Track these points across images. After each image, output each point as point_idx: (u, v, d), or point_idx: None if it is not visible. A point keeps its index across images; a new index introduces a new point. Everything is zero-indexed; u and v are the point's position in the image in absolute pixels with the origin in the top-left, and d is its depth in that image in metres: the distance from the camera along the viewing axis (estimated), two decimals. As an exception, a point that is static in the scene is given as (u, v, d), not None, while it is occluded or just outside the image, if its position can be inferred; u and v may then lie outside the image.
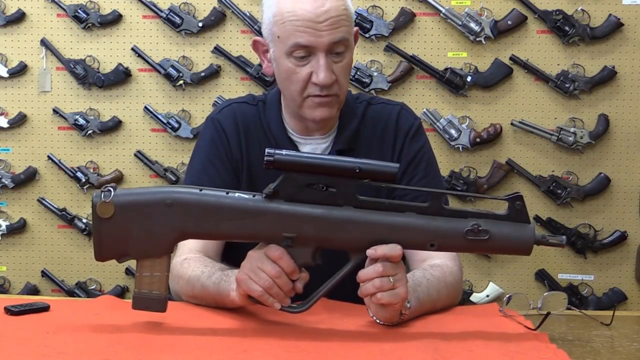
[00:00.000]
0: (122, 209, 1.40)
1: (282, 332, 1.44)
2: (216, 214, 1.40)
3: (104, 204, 1.39)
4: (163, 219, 1.40)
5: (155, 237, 1.41)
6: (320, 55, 1.63)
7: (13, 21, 3.24)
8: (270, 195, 1.39)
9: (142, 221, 1.40)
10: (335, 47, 1.64)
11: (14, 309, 1.53)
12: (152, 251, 1.42)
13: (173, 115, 3.23)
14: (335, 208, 1.39)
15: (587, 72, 3.17)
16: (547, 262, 3.25)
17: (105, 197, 1.39)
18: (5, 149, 3.30)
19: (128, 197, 1.41)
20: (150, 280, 1.43)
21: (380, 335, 1.44)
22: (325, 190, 1.39)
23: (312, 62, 1.64)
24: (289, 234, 1.39)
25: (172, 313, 1.56)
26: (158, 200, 1.40)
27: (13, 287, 3.33)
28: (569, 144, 3.18)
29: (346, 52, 1.67)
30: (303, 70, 1.65)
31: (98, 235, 1.41)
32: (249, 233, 1.41)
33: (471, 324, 1.51)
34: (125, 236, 1.40)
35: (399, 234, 1.39)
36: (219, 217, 1.40)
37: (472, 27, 3.16)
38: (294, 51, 1.64)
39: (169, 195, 1.40)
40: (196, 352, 1.32)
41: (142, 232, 1.40)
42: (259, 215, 1.39)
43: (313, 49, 1.63)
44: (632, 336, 1.49)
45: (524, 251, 1.43)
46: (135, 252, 1.42)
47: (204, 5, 3.22)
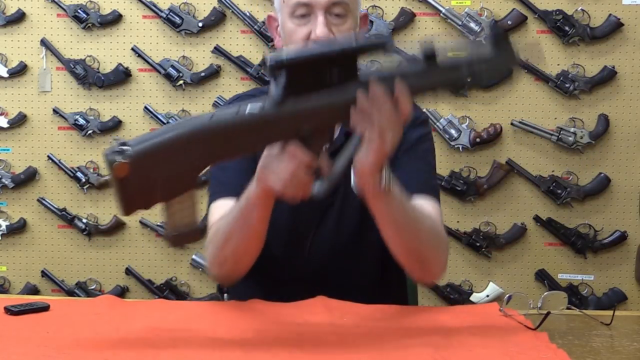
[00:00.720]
0: (140, 161, 1.35)
1: (282, 332, 1.44)
2: (235, 135, 1.37)
3: (121, 164, 1.34)
4: (182, 156, 1.36)
5: (178, 175, 1.37)
6: (318, 13, 1.67)
7: (13, 21, 3.24)
8: (281, 100, 1.36)
9: (163, 165, 1.36)
10: (334, 8, 1.67)
11: (14, 309, 1.53)
12: (177, 189, 1.37)
13: (173, 115, 3.23)
14: (343, 89, 1.37)
15: (587, 72, 3.17)
16: (547, 262, 3.26)
17: (121, 156, 1.34)
18: (5, 149, 3.30)
19: (142, 146, 1.36)
20: (181, 215, 1.38)
21: (381, 335, 1.44)
22: (329, 74, 1.37)
23: (312, 21, 1.68)
24: (307, 127, 1.37)
25: (172, 313, 1.56)
26: (173, 139, 1.36)
27: (13, 287, 3.33)
28: (569, 144, 3.18)
29: (347, 17, 1.69)
30: (303, 30, 1.69)
31: (120, 192, 1.36)
32: (268, 141, 1.40)
33: (471, 324, 1.51)
34: (148, 185, 1.36)
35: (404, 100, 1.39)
36: (237, 137, 1.37)
37: (472, 27, 3.16)
38: (295, 10, 1.69)
39: (182, 131, 1.36)
40: (196, 352, 1.32)
41: (164, 175, 1.36)
42: (275, 121, 1.37)
43: (312, 8, 1.67)
44: (632, 336, 1.49)
45: (511, 70, 1.53)
46: (160, 196, 1.38)
47: (204, 5, 3.22)
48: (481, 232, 3.23)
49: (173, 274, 3.30)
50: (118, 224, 3.29)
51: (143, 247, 3.31)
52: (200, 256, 3.27)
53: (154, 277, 3.30)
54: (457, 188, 3.20)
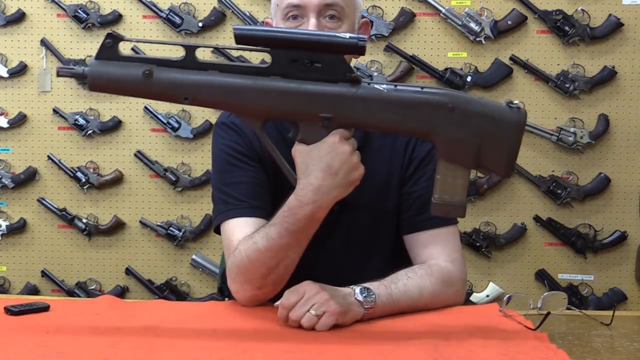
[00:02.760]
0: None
1: (282, 332, 1.44)
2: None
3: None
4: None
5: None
6: (311, 15, 1.64)
7: (13, 21, 3.24)
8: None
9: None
10: (327, 10, 1.65)
11: (14, 309, 1.53)
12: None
13: (173, 115, 3.23)
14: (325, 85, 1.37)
15: (587, 72, 3.17)
16: (547, 262, 3.26)
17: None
18: (5, 149, 3.30)
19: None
20: (453, 186, 1.38)
21: (381, 335, 1.44)
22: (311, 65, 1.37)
23: (304, 24, 1.66)
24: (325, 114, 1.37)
25: (172, 313, 1.56)
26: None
27: (13, 287, 3.33)
28: (569, 144, 3.18)
29: (342, 22, 1.67)
30: None
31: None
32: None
33: (471, 324, 1.51)
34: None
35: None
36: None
37: (472, 27, 3.16)
38: (287, 13, 1.66)
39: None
40: (196, 352, 1.32)
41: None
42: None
43: (304, 10, 1.65)
44: (632, 336, 1.49)
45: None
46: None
47: (204, 5, 3.23)
48: (481, 232, 3.24)
49: (173, 274, 3.30)
50: (118, 224, 3.29)
51: (143, 247, 3.31)
52: (201, 256, 3.27)
53: (154, 277, 3.30)
54: (457, 188, 3.19)
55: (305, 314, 1.42)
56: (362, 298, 1.48)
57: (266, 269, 1.53)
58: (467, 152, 1.36)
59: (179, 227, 3.27)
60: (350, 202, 1.56)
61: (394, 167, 1.75)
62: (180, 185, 3.25)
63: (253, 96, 1.36)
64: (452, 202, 1.38)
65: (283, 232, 1.48)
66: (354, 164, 1.41)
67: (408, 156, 1.76)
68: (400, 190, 1.74)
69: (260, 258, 1.52)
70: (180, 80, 1.36)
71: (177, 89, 1.36)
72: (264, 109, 1.37)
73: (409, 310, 1.56)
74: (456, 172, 1.37)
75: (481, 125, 1.36)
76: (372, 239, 1.75)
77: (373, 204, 1.73)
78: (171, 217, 3.28)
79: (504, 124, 1.37)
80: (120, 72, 1.35)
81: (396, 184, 1.75)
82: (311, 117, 1.38)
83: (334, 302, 1.43)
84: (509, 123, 1.37)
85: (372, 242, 1.75)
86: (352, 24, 1.70)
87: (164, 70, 1.36)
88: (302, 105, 1.36)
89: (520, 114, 1.37)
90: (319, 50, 1.35)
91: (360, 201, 1.68)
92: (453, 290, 1.67)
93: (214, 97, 1.37)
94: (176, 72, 1.36)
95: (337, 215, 1.70)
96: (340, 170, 1.41)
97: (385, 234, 1.75)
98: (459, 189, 1.38)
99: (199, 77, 1.36)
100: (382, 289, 1.51)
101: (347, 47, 1.34)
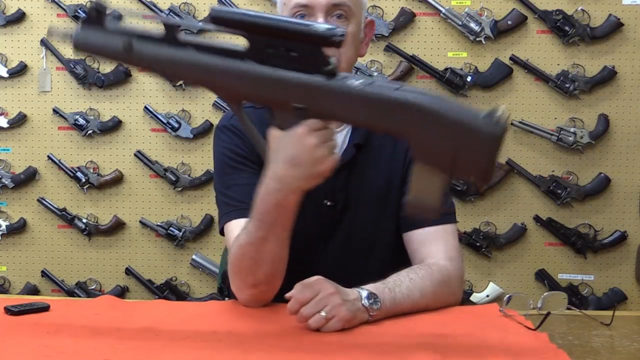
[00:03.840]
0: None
1: (282, 332, 1.44)
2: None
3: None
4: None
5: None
6: (318, 14, 1.65)
7: (13, 21, 3.24)
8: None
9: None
10: (334, 9, 1.66)
11: (14, 309, 1.53)
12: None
13: (173, 115, 3.23)
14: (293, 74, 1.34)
15: (587, 72, 3.18)
16: (547, 262, 3.26)
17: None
18: (5, 149, 3.30)
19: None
20: (428, 185, 1.34)
21: (381, 335, 1.44)
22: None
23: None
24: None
25: (172, 313, 1.56)
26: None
27: (13, 287, 3.33)
28: (569, 144, 3.18)
29: (349, 21, 1.68)
30: None
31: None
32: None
33: (471, 324, 1.51)
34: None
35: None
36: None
37: (472, 27, 3.16)
38: (295, 12, 1.67)
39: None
40: (196, 353, 1.32)
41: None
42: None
43: (312, 9, 1.66)
44: (632, 336, 1.48)
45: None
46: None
47: (204, 5, 3.22)
48: (481, 232, 3.24)
49: (173, 274, 3.30)
50: (118, 224, 3.29)
51: (143, 247, 3.31)
52: (201, 256, 3.27)
53: (154, 277, 3.30)
54: (457, 188, 3.20)
55: (315, 314, 1.42)
56: (368, 304, 1.48)
57: (251, 263, 1.52)
58: (441, 157, 1.30)
59: (179, 227, 3.27)
60: (352, 202, 1.56)
61: (395, 167, 1.75)
62: (180, 185, 3.25)
63: (227, 78, 1.35)
64: (424, 204, 1.34)
65: (258, 224, 1.48)
66: (320, 157, 1.36)
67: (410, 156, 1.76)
68: (401, 189, 1.74)
69: (244, 253, 1.53)
70: (158, 55, 1.37)
71: (155, 64, 1.38)
72: (237, 90, 1.36)
73: (410, 311, 1.56)
74: (431, 175, 1.32)
75: (455, 133, 1.28)
76: (373, 239, 1.75)
77: (374, 203, 1.73)
78: (171, 217, 3.28)
79: (478, 134, 1.27)
80: (103, 41, 1.41)
81: (397, 183, 1.75)
82: (283, 105, 1.35)
83: (345, 309, 1.43)
84: (484, 134, 1.26)
85: (373, 241, 1.75)
86: (358, 22, 1.71)
87: (144, 43, 1.37)
88: (274, 92, 1.34)
89: (497, 126, 1.26)
90: (293, 39, 1.32)
91: (362, 200, 1.68)
92: (451, 290, 1.67)
93: (190, 74, 1.37)
94: (155, 47, 1.37)
95: (339, 215, 1.70)
96: (305, 162, 1.37)
97: (386, 234, 1.75)
98: (433, 192, 1.33)
99: (176, 54, 1.36)
100: (387, 294, 1.51)
101: (319, 38, 1.30)
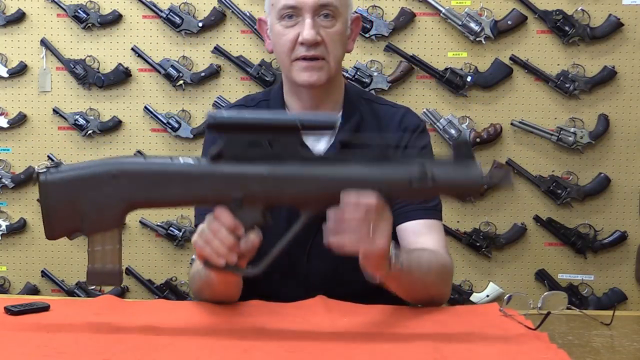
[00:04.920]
0: (68, 185, 1.38)
1: (282, 332, 1.44)
2: (163, 181, 1.38)
3: (49, 181, 1.38)
4: (110, 191, 1.38)
5: (104, 210, 1.39)
6: (306, 15, 1.69)
7: (13, 21, 3.24)
8: (215, 157, 1.38)
9: (89, 195, 1.38)
10: (321, 9, 1.70)
11: (14, 309, 1.53)
12: (101, 225, 1.40)
13: (173, 115, 3.23)
14: (281, 165, 1.37)
15: (587, 72, 3.17)
16: (547, 262, 3.26)
17: (50, 173, 1.38)
18: (5, 149, 3.30)
19: (73, 172, 1.39)
20: (103, 254, 1.42)
21: (381, 335, 1.44)
22: (270, 147, 1.37)
23: (300, 23, 1.70)
24: (236, 194, 1.37)
25: (172, 313, 1.56)
26: (103, 172, 1.38)
27: (13, 287, 3.33)
28: (569, 144, 3.18)
29: (336, 20, 1.72)
30: (291, 32, 1.71)
31: (46, 212, 1.40)
32: (197, 197, 1.40)
33: (471, 324, 1.51)
34: (74, 212, 1.39)
35: (345, 185, 1.36)
36: (165, 184, 1.38)
37: (472, 27, 3.16)
38: (283, 14, 1.71)
39: (114, 167, 1.39)
40: (196, 352, 1.32)
41: (90, 207, 1.39)
42: (205, 178, 1.38)
43: (300, 10, 1.69)
44: (632, 336, 1.49)
45: (473, 191, 1.39)
46: (85, 227, 1.41)
47: (204, 5, 3.22)
48: (481, 232, 3.23)
49: (173, 274, 3.30)
50: (118, 224, 3.28)
51: (143, 247, 3.31)
52: (200, 256, 3.27)
53: (154, 277, 3.30)
54: (457, 188, 3.19)
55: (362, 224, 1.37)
56: (394, 256, 1.46)
57: (204, 287, 1.63)
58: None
59: (179, 227, 3.27)
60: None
61: None
62: (180, 185, 3.25)
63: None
64: (105, 271, 1.42)
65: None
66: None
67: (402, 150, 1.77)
68: None
69: (194, 279, 1.68)
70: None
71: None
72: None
73: (413, 285, 1.57)
74: (105, 242, 1.42)
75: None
76: None
77: None
78: (171, 217, 3.28)
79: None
80: None
81: None
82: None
83: (386, 240, 1.40)
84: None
85: None
86: (345, 20, 1.75)
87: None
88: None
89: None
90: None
91: None
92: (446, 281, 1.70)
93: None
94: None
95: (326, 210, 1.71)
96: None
97: None
98: (112, 258, 1.42)
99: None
100: (405, 256, 1.51)
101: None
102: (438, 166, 1.36)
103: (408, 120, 1.82)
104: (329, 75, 1.74)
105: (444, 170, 1.36)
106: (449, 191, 1.40)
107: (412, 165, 1.36)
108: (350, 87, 1.85)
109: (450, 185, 1.37)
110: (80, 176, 1.39)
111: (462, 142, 1.38)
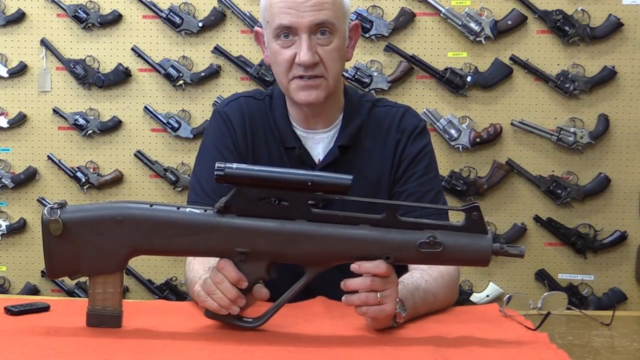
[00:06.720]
0: (73, 226, 1.39)
1: (282, 333, 1.44)
2: (167, 230, 1.39)
3: (54, 221, 1.38)
4: (114, 236, 1.39)
5: (107, 254, 1.40)
6: (302, 35, 1.66)
7: (13, 21, 3.24)
8: (222, 210, 1.38)
9: (93, 238, 1.39)
10: (318, 28, 1.66)
11: (14, 309, 1.53)
12: (103, 268, 1.42)
13: (173, 115, 3.23)
14: (288, 222, 1.38)
15: (587, 72, 3.17)
16: (547, 262, 3.25)
17: (55, 214, 1.38)
18: (5, 149, 3.30)
19: (78, 214, 1.40)
20: (104, 297, 1.43)
21: (381, 335, 1.44)
22: (277, 203, 1.38)
23: (296, 43, 1.67)
24: (241, 249, 1.38)
25: (172, 313, 1.56)
26: (108, 216, 1.39)
27: (13, 287, 3.33)
28: (569, 144, 3.18)
29: (333, 36, 1.68)
30: (287, 52, 1.69)
31: (49, 252, 1.41)
32: (201, 249, 1.41)
33: (471, 324, 1.51)
34: (76, 253, 1.40)
35: (353, 248, 1.38)
36: (169, 233, 1.39)
37: (472, 27, 3.16)
38: (279, 33, 1.68)
39: (119, 212, 1.39)
40: (196, 352, 1.32)
41: (93, 249, 1.40)
42: (210, 230, 1.38)
43: (295, 30, 1.67)
44: (632, 336, 1.49)
45: (481, 262, 1.39)
46: (86, 269, 1.42)
47: (204, 5, 3.22)
48: (481, 232, 3.23)
49: (173, 274, 3.30)
50: (118, 224, 3.28)
51: (143, 247, 3.31)
52: (200, 256, 3.27)
53: (154, 277, 3.30)
54: (457, 188, 3.19)
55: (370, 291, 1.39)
56: (397, 310, 1.46)
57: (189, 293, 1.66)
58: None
59: (179, 227, 3.26)
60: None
61: (384, 168, 1.77)
62: (180, 185, 3.25)
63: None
64: (106, 313, 1.44)
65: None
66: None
67: (398, 156, 1.77)
68: (390, 190, 1.75)
69: (188, 288, 1.69)
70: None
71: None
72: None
73: (424, 314, 1.57)
74: (106, 285, 1.43)
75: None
76: None
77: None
78: (171, 217, 3.27)
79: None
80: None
81: (386, 184, 1.76)
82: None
83: (392, 306, 1.42)
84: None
85: None
86: (343, 34, 1.71)
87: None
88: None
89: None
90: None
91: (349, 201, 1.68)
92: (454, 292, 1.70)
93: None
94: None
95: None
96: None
97: None
98: (113, 300, 1.43)
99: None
100: (410, 300, 1.50)
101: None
102: (448, 234, 1.37)
103: (407, 120, 1.81)
104: (327, 93, 1.72)
105: (453, 239, 1.37)
106: (457, 260, 1.40)
107: (422, 232, 1.37)
108: (350, 90, 1.84)
109: (459, 254, 1.37)
110: (84, 219, 1.40)
111: (474, 210, 1.37)
